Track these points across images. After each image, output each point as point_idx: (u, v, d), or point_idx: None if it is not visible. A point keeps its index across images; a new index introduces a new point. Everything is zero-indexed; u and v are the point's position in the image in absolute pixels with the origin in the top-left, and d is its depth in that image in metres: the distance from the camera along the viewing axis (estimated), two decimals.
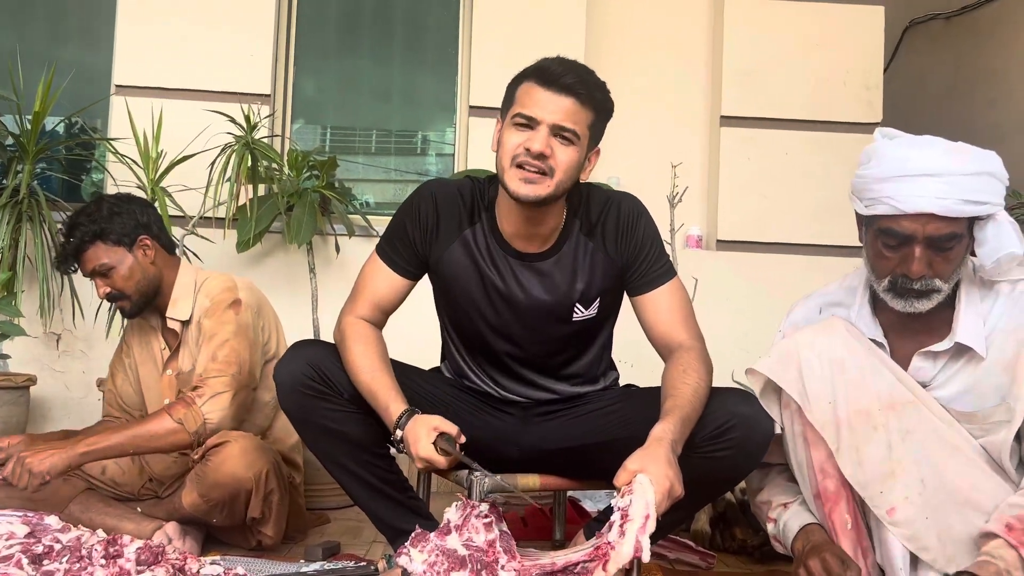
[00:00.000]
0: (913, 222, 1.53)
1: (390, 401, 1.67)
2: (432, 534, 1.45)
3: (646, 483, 1.39)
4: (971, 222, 1.57)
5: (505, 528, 1.47)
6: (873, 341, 1.66)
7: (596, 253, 1.81)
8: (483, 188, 1.84)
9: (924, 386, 1.61)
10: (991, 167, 1.56)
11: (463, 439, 1.60)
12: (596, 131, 1.74)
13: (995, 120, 4.30)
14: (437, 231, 1.82)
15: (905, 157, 1.56)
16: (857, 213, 1.67)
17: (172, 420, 2.10)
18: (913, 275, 1.55)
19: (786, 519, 1.68)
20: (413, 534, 1.46)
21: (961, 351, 1.61)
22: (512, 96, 1.73)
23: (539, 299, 1.81)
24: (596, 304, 1.84)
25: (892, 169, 1.55)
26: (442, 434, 1.59)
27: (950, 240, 1.54)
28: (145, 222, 2.32)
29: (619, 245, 1.81)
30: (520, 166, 1.67)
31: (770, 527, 1.73)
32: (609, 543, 1.35)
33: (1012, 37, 4.31)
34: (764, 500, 1.76)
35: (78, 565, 1.43)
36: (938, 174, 1.52)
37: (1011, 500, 1.51)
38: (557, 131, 1.66)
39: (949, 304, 1.62)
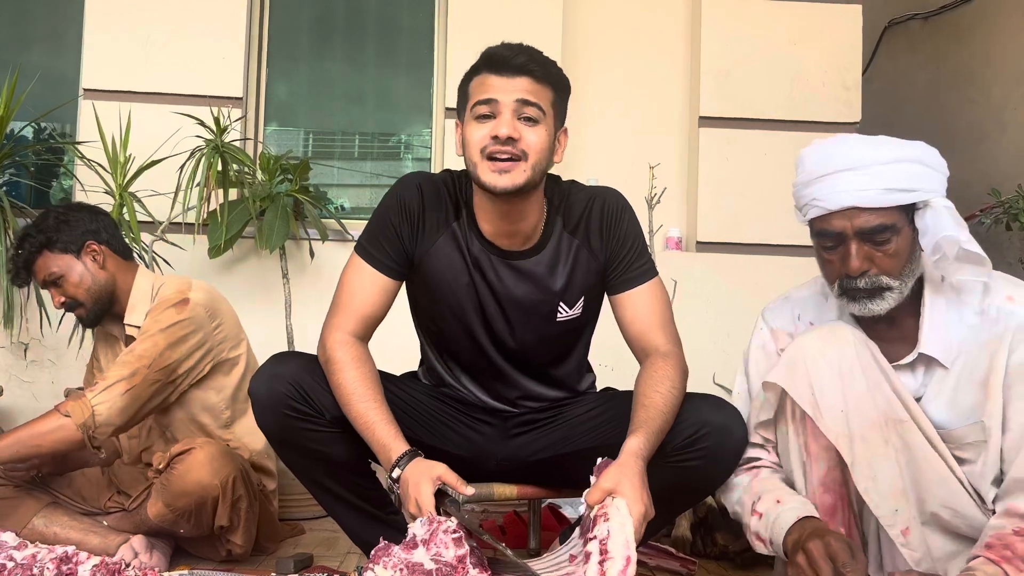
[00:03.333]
0: (841, 218, 1.52)
1: (389, 439, 1.57)
2: (397, 547, 1.39)
3: (624, 511, 1.34)
4: (911, 214, 1.54)
5: (475, 544, 1.42)
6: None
7: (580, 250, 1.75)
8: (461, 183, 1.77)
9: (917, 400, 1.56)
10: (917, 155, 1.54)
11: (470, 491, 1.51)
12: (559, 109, 1.68)
13: (974, 119, 4.30)
14: (423, 224, 1.73)
15: (825, 156, 1.56)
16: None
17: (60, 415, 2.04)
18: (853, 272, 1.53)
19: (780, 512, 1.55)
20: (376, 547, 1.40)
21: (933, 363, 1.57)
22: (466, 92, 1.68)
23: (523, 299, 1.75)
24: (580, 303, 1.78)
25: (814, 170, 1.56)
26: (447, 496, 1.50)
27: (882, 232, 1.51)
28: (93, 228, 2.28)
29: (603, 240, 1.75)
30: (491, 157, 1.60)
31: (753, 521, 1.58)
32: None
33: (990, 36, 4.32)
34: (752, 494, 1.63)
35: None
36: (857, 167, 1.51)
37: (989, 524, 1.48)
38: (521, 112, 1.60)
39: (917, 312, 1.58)
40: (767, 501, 1.59)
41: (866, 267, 1.52)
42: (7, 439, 2.04)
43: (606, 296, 1.81)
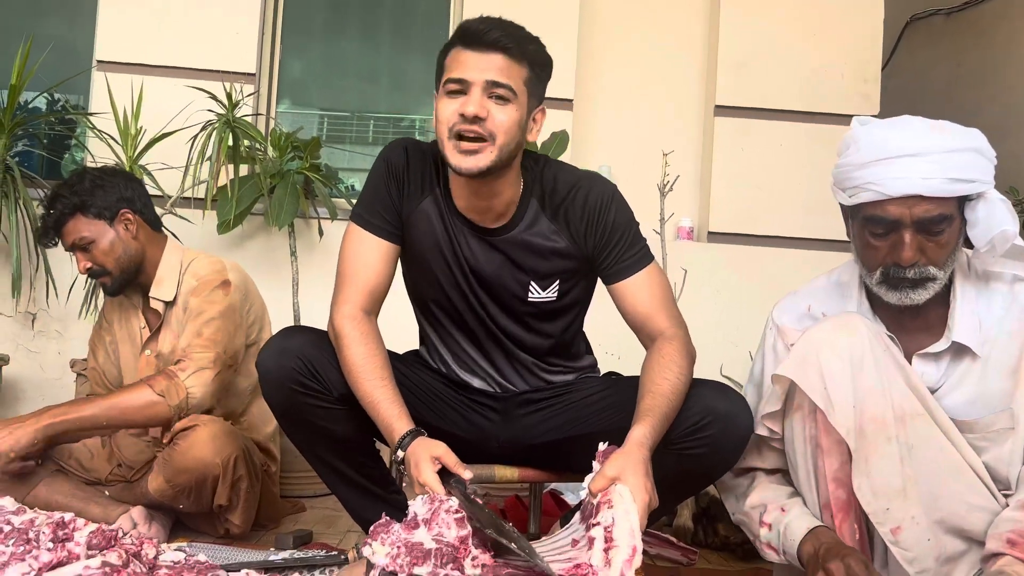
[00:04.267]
0: (899, 206, 1.45)
1: (393, 419, 1.55)
2: (397, 525, 1.38)
3: (628, 499, 1.31)
4: (961, 204, 1.49)
5: (478, 524, 1.40)
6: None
7: (558, 235, 1.71)
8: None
9: (932, 392, 1.53)
10: (976, 143, 1.48)
11: (468, 475, 1.50)
12: (535, 87, 1.63)
13: (996, 116, 4.25)
14: (408, 183, 1.72)
15: (884, 139, 1.48)
16: (841, 205, 1.59)
17: (153, 392, 2.04)
18: (905, 262, 1.47)
19: (787, 521, 1.55)
20: (376, 523, 1.38)
21: (961, 352, 1.53)
22: (441, 66, 1.63)
23: (493, 274, 1.73)
24: (554, 288, 1.75)
25: (872, 153, 1.47)
26: (453, 477, 1.49)
27: (940, 222, 1.46)
28: (128, 196, 2.25)
29: (586, 232, 1.70)
30: (459, 136, 1.57)
31: (763, 532, 1.59)
32: (591, 566, 1.28)
33: (1013, 33, 4.26)
34: (755, 504, 1.64)
35: (23, 548, 1.37)
36: (921, 153, 1.44)
37: (1005, 516, 1.44)
38: (490, 91, 1.56)
39: (944, 301, 1.54)
40: (773, 511, 1.58)
41: (917, 257, 1.47)
42: (93, 406, 2.04)
43: (605, 287, 1.77)
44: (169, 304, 2.26)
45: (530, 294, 1.74)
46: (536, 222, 1.71)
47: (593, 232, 1.70)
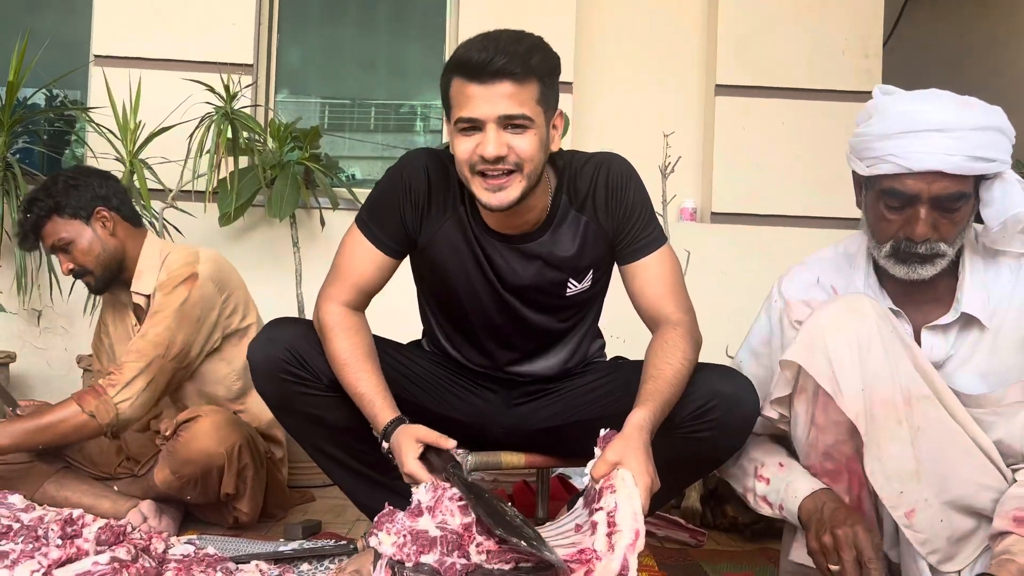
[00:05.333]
0: (919, 181, 1.43)
1: (377, 409, 1.56)
2: (401, 514, 1.38)
3: (630, 483, 1.31)
4: (977, 182, 1.48)
5: (481, 513, 1.40)
6: (890, 311, 1.55)
7: (588, 226, 1.70)
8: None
9: (939, 366, 1.51)
10: (999, 122, 1.46)
11: (451, 443, 1.50)
12: (547, 98, 1.57)
13: (999, 90, 4.19)
14: (429, 207, 1.68)
15: (911, 111, 1.45)
16: (856, 175, 1.57)
17: (82, 412, 2.03)
18: (917, 238, 1.46)
19: (790, 480, 1.54)
20: (381, 513, 1.39)
21: (969, 323, 1.52)
22: (447, 95, 1.57)
23: (532, 280, 1.72)
24: (589, 276, 1.75)
25: (896, 124, 1.44)
26: (436, 450, 1.49)
27: (957, 200, 1.45)
28: (103, 194, 2.25)
29: (609, 210, 1.69)
30: (482, 174, 1.54)
31: (760, 486, 1.59)
32: (595, 551, 1.28)
33: (1016, 6, 4.21)
34: (752, 458, 1.64)
35: (32, 545, 1.37)
36: (946, 129, 1.41)
37: (1012, 493, 1.44)
38: (505, 123, 1.51)
39: (952, 273, 1.53)
40: (771, 466, 1.58)
41: (931, 233, 1.46)
42: (30, 425, 2.04)
43: (617, 267, 1.77)
44: (150, 297, 2.25)
45: (568, 289, 1.74)
46: (567, 217, 1.70)
47: (616, 210, 1.69)
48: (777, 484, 1.56)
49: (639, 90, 3.76)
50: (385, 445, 1.54)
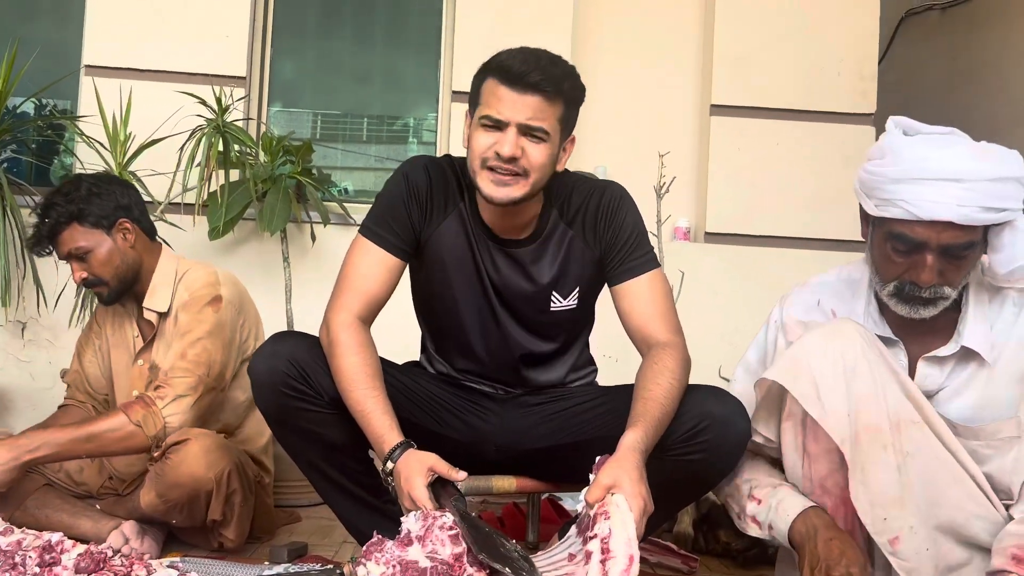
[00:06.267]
0: (928, 229, 1.41)
1: (384, 430, 1.55)
2: (391, 543, 1.35)
3: (624, 508, 1.30)
4: (987, 228, 1.46)
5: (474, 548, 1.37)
6: (887, 339, 1.55)
7: (574, 240, 1.75)
8: (464, 169, 1.75)
9: (931, 396, 1.51)
10: (1016, 171, 1.43)
11: (462, 475, 1.50)
12: (567, 121, 1.67)
13: (992, 112, 4.22)
14: (431, 204, 1.74)
15: (925, 157, 1.42)
16: (863, 210, 1.55)
17: (130, 422, 1.99)
18: (923, 284, 1.45)
19: (780, 497, 1.53)
20: (369, 542, 1.36)
21: (968, 356, 1.51)
22: (477, 94, 1.66)
23: (516, 286, 1.75)
24: (575, 295, 1.77)
25: (910, 170, 1.42)
26: (442, 482, 1.48)
27: (965, 248, 1.44)
28: (126, 204, 2.21)
29: (597, 231, 1.74)
30: (492, 168, 1.61)
31: (751, 506, 1.57)
32: None
33: (1009, 28, 4.23)
34: (746, 479, 1.62)
35: (9, 574, 1.33)
36: (961, 179, 1.39)
37: (1009, 530, 1.42)
38: (526, 131, 1.60)
39: (955, 307, 1.52)
40: (764, 487, 1.57)
41: (936, 280, 1.45)
42: (68, 435, 1.98)
43: (607, 288, 1.78)
44: (163, 315, 2.22)
45: (552, 304, 1.76)
46: (555, 231, 1.75)
47: (605, 231, 1.73)
48: (769, 502, 1.55)
49: (635, 110, 3.76)
50: (390, 465, 1.51)
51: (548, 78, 1.58)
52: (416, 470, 1.48)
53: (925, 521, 1.44)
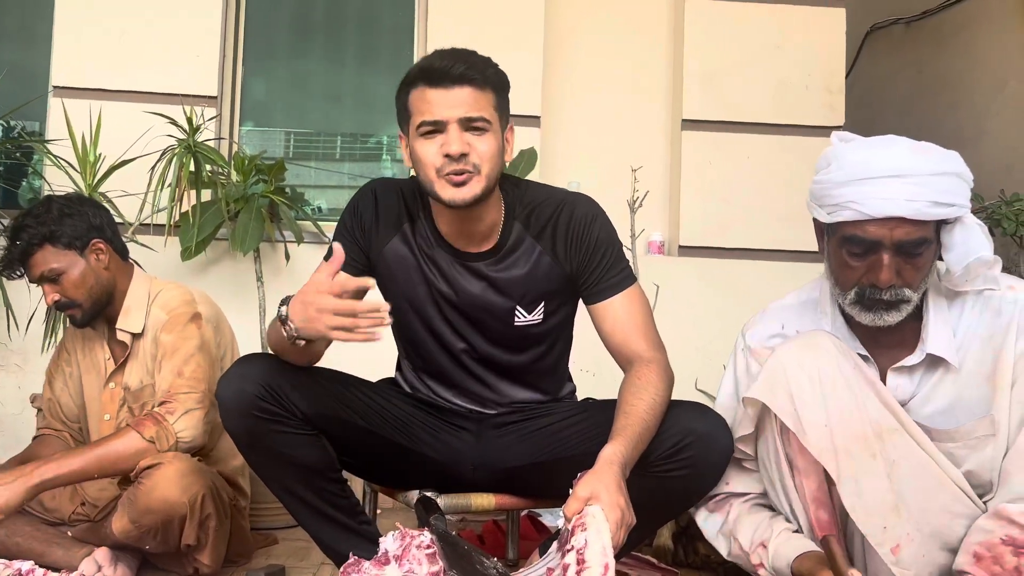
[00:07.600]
0: (880, 227, 1.44)
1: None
2: (367, 563, 1.34)
3: (600, 519, 1.30)
4: (938, 227, 1.49)
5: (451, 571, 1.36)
6: (859, 356, 1.56)
7: (542, 256, 1.73)
8: (415, 191, 1.77)
9: (904, 404, 1.52)
10: (957, 167, 1.48)
11: (372, 282, 1.50)
12: (502, 109, 1.67)
13: (957, 124, 4.30)
14: (377, 226, 1.75)
15: (868, 159, 1.46)
16: (816, 222, 1.58)
17: (142, 439, 1.97)
18: (882, 284, 1.46)
19: (775, 548, 1.54)
20: (346, 563, 1.35)
21: (935, 363, 1.53)
22: (406, 107, 1.66)
23: (478, 300, 1.74)
24: (540, 309, 1.76)
25: (854, 172, 1.46)
26: (424, 503, 1.47)
27: (920, 245, 1.46)
28: (98, 224, 2.19)
29: (569, 250, 1.72)
30: (446, 175, 1.60)
31: (759, 552, 1.59)
32: None
33: (972, 42, 4.32)
34: (749, 539, 1.62)
35: None
36: (905, 175, 1.43)
37: (978, 525, 1.43)
38: (467, 125, 1.60)
39: (917, 315, 1.54)
40: (756, 548, 1.58)
41: (895, 280, 1.46)
42: (80, 458, 1.95)
43: (585, 307, 1.77)
44: (137, 336, 2.20)
45: (516, 318, 1.75)
46: (520, 244, 1.73)
47: (577, 250, 1.72)
48: (769, 561, 1.56)
49: (607, 125, 3.78)
50: (284, 309, 1.52)
51: (471, 67, 1.60)
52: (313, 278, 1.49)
53: (919, 527, 1.45)
